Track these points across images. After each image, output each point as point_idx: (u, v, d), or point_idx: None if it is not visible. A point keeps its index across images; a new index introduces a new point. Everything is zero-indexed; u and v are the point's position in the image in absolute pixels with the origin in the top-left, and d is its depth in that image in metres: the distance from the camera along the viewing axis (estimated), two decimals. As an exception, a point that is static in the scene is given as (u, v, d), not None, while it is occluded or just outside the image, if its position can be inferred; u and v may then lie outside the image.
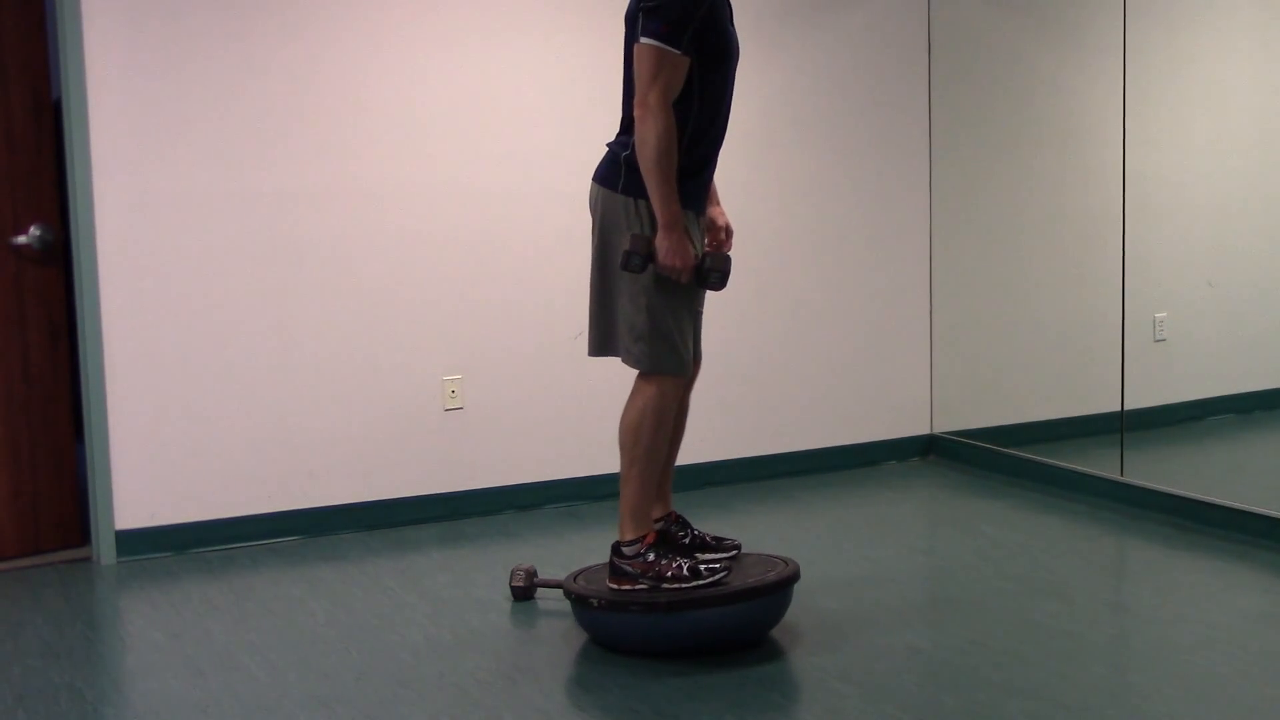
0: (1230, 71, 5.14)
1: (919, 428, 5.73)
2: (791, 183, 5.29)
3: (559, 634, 3.71)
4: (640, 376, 3.49)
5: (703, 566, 3.44)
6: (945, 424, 5.70)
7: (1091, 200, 5.23)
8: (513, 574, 4.00)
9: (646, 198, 3.38)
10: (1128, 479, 4.91)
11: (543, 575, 4.02)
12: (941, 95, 5.59)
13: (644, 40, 3.30)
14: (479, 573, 4.26)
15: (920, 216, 5.65)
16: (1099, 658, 3.52)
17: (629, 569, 3.47)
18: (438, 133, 4.79)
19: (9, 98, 4.38)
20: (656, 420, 3.45)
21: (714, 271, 3.42)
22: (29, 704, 3.29)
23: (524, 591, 3.96)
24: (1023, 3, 5.49)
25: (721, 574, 3.44)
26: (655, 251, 3.35)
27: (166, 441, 4.49)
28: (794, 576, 3.56)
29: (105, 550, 4.44)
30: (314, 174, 4.63)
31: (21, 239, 4.43)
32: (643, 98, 3.31)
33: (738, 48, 3.53)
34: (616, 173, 3.45)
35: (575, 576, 3.67)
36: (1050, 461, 5.22)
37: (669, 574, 3.43)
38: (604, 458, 5.04)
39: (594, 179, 3.54)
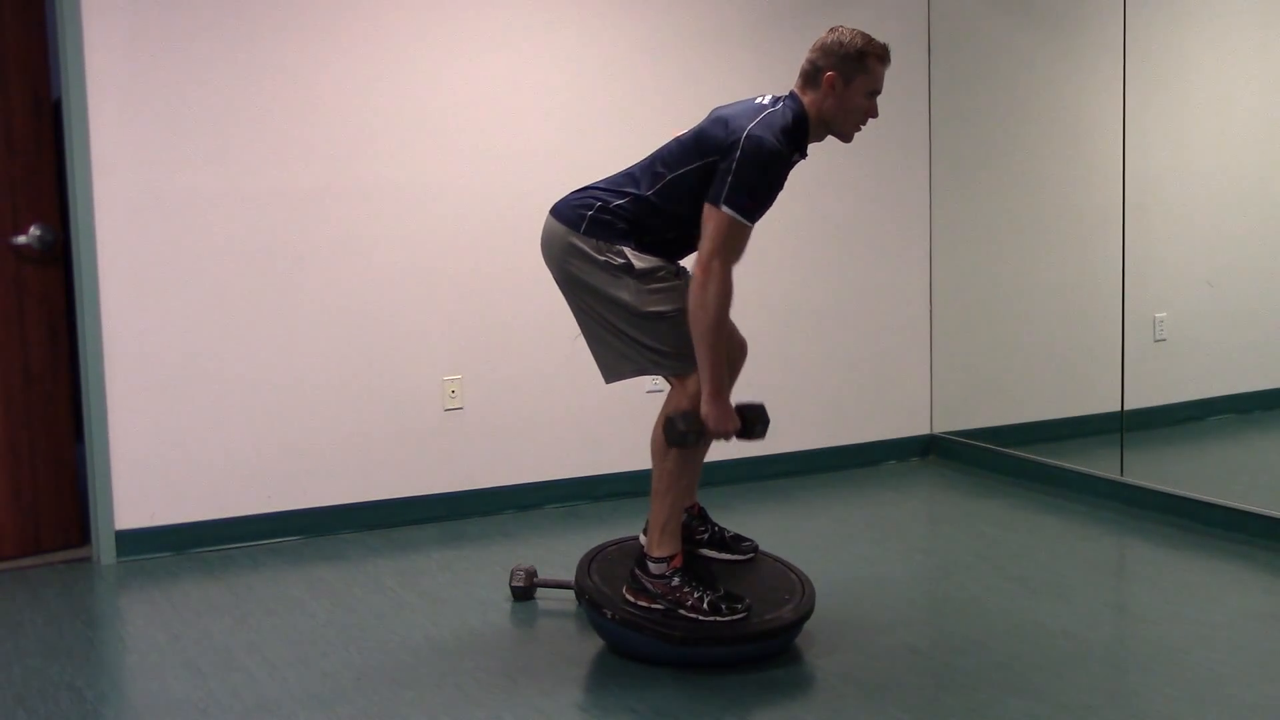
0: (1230, 71, 5.13)
1: (919, 428, 5.73)
2: (791, 183, 5.28)
3: (559, 634, 3.71)
4: (674, 385, 3.46)
5: (723, 604, 3.39)
6: (945, 424, 5.70)
7: (1091, 200, 5.23)
8: (513, 574, 4.00)
9: (607, 240, 3.38)
10: (1128, 479, 4.91)
11: (543, 575, 4.02)
12: (941, 95, 5.59)
13: (725, 209, 3.24)
14: (479, 573, 4.26)
15: (920, 217, 5.66)
16: (1099, 658, 3.52)
17: (649, 586, 3.43)
18: (438, 133, 4.79)
19: (9, 98, 4.38)
20: None
21: (758, 424, 3.47)
22: (29, 704, 3.28)
23: (524, 591, 3.96)
24: (1023, 2, 5.49)
25: (740, 615, 3.40)
26: (705, 422, 3.35)
27: (166, 441, 4.50)
28: (808, 613, 3.52)
29: (105, 550, 4.44)
30: (314, 174, 4.63)
31: (21, 239, 4.43)
32: (707, 261, 3.24)
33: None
34: (581, 218, 3.41)
35: (588, 565, 3.64)
36: (1050, 461, 5.22)
37: (688, 603, 3.39)
38: (603, 458, 5.06)
39: (553, 214, 3.48)
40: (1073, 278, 5.37)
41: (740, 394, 5.20)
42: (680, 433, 3.36)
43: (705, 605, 3.39)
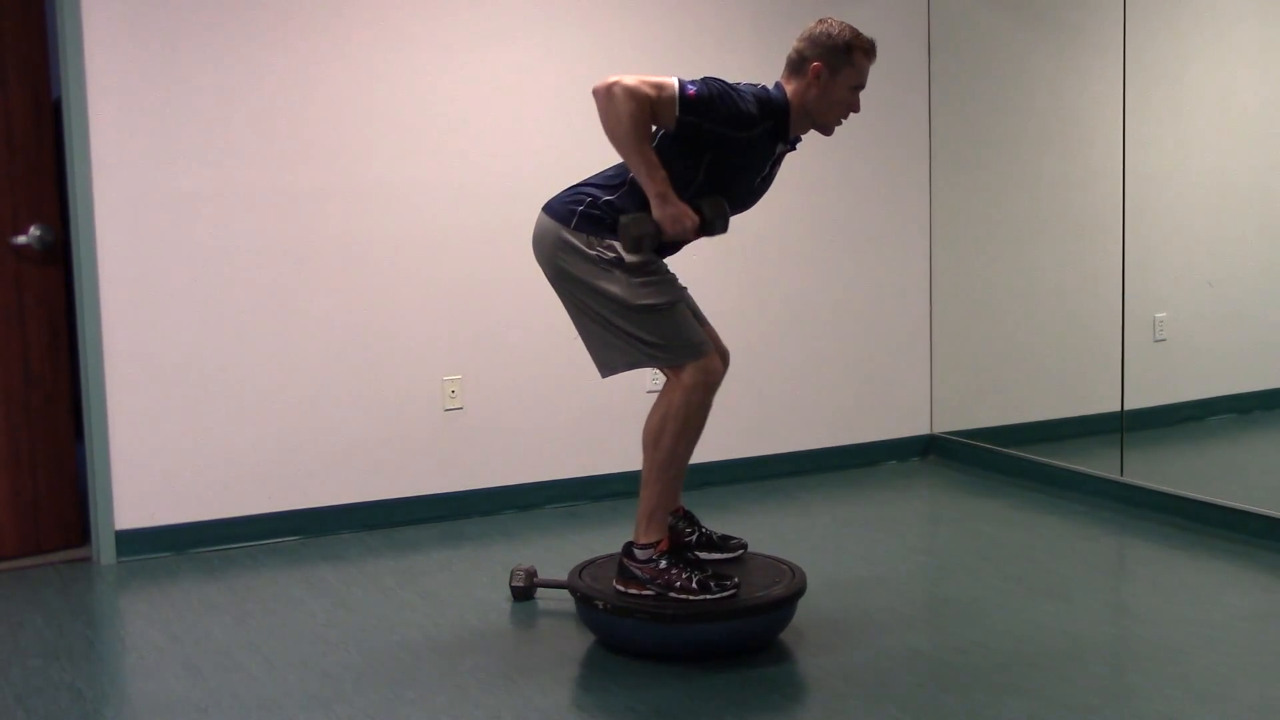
0: (1230, 72, 5.14)
1: (919, 428, 5.73)
2: (791, 182, 5.29)
3: (559, 634, 3.71)
4: (669, 378, 3.47)
5: (713, 582, 3.41)
6: (945, 424, 5.70)
7: (1091, 200, 5.23)
8: (513, 574, 4.00)
9: (598, 235, 3.40)
10: (1128, 479, 4.91)
11: (543, 575, 4.02)
12: (941, 95, 5.59)
13: (675, 76, 3.28)
14: (479, 573, 4.26)
15: (920, 216, 5.65)
16: (1099, 658, 3.52)
17: (638, 573, 3.44)
18: (438, 133, 4.79)
19: (9, 98, 4.38)
20: (680, 425, 3.42)
21: (717, 219, 3.43)
22: (29, 704, 3.28)
23: (524, 591, 3.96)
24: (1023, 3, 5.49)
25: (730, 592, 3.41)
26: (659, 225, 3.34)
27: (166, 441, 4.50)
28: (800, 591, 3.54)
29: (105, 550, 4.44)
30: (314, 174, 4.63)
31: (21, 239, 4.43)
32: (619, 78, 3.23)
33: (754, 196, 3.53)
34: (572, 213, 3.43)
35: (580, 571, 3.66)
36: (1050, 461, 5.22)
37: (677, 584, 3.41)
38: (603, 458, 5.06)
39: (545, 211, 3.51)
40: (1073, 278, 5.37)
41: (739, 395, 5.23)
42: (635, 237, 3.34)
43: (694, 585, 3.40)
